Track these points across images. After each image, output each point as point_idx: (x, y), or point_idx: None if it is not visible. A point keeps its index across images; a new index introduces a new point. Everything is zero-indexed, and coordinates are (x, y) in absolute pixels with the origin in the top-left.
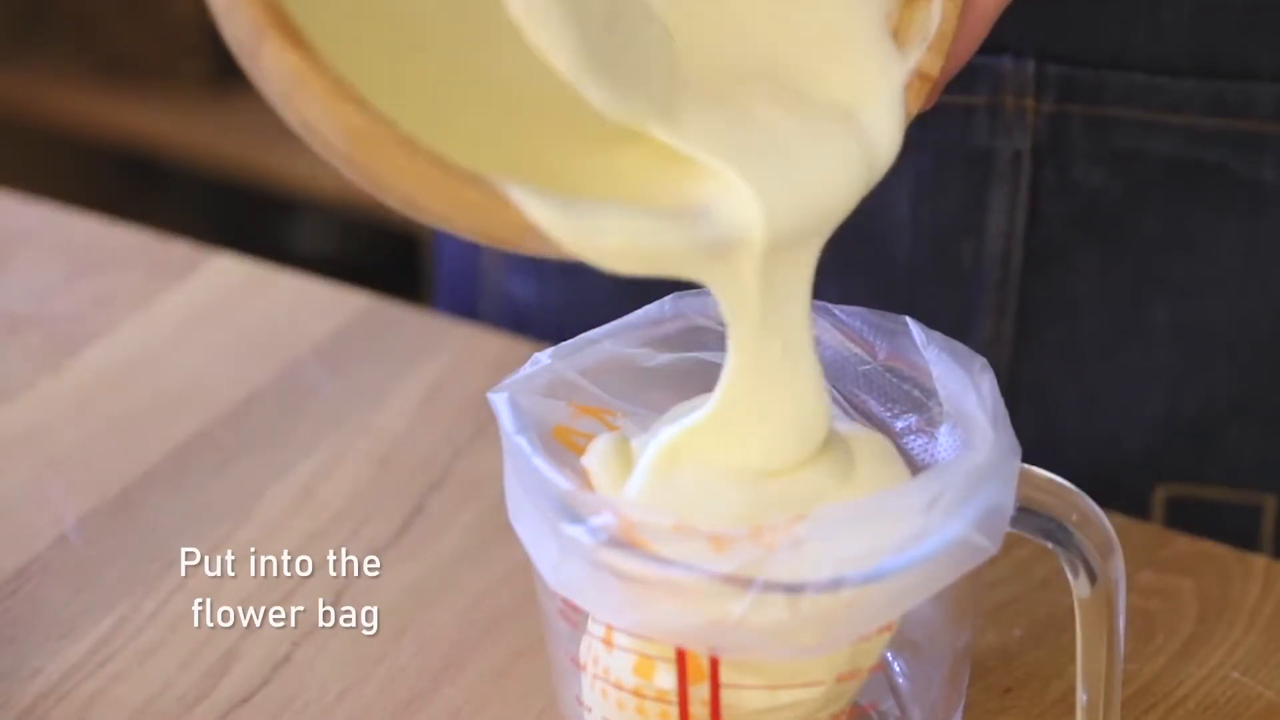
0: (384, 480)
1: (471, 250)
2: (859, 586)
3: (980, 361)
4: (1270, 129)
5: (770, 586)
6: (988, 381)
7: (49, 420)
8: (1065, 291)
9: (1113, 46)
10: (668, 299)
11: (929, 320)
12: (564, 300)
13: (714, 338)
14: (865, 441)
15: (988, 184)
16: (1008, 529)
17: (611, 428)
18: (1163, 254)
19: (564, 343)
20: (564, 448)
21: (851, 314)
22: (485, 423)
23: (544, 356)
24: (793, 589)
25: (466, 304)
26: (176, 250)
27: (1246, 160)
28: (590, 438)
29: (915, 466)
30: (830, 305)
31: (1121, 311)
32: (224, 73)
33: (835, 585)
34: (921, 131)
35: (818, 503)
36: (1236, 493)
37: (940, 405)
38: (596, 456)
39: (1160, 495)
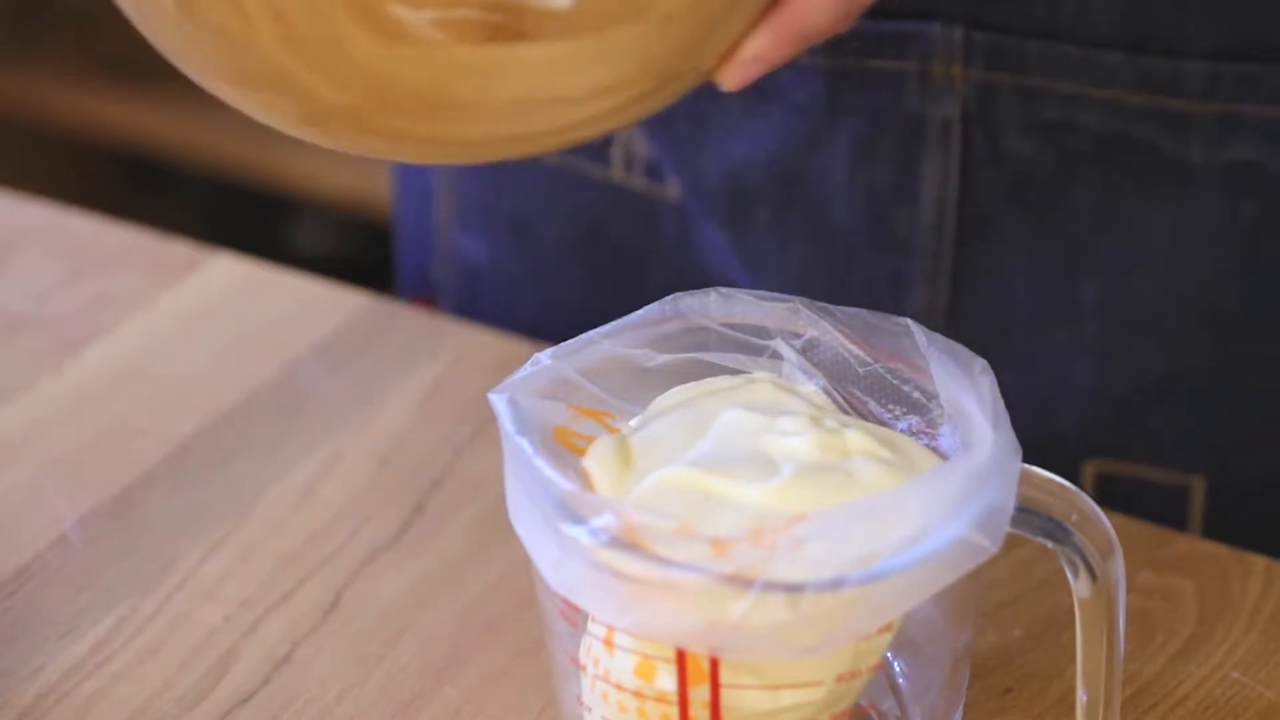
0: (384, 480)
1: (425, 213)
2: (859, 586)
3: (980, 363)
4: (1198, 109)
5: (770, 587)
6: (988, 382)
7: (49, 420)
8: (997, 262)
9: (1041, 16)
10: (668, 299)
11: (865, 285)
12: (513, 259)
13: (714, 338)
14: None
15: (920, 151)
16: (1008, 529)
17: (611, 430)
18: (1093, 230)
19: (564, 343)
20: (564, 449)
21: (852, 315)
22: (485, 423)
23: (544, 357)
24: (793, 589)
25: (422, 267)
26: (176, 250)
27: (1174, 139)
28: (590, 439)
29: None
30: (830, 306)
31: (1052, 285)
32: None
33: (835, 585)
34: (857, 95)
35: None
36: (1164, 472)
37: (940, 406)
38: (597, 457)
39: (1090, 471)
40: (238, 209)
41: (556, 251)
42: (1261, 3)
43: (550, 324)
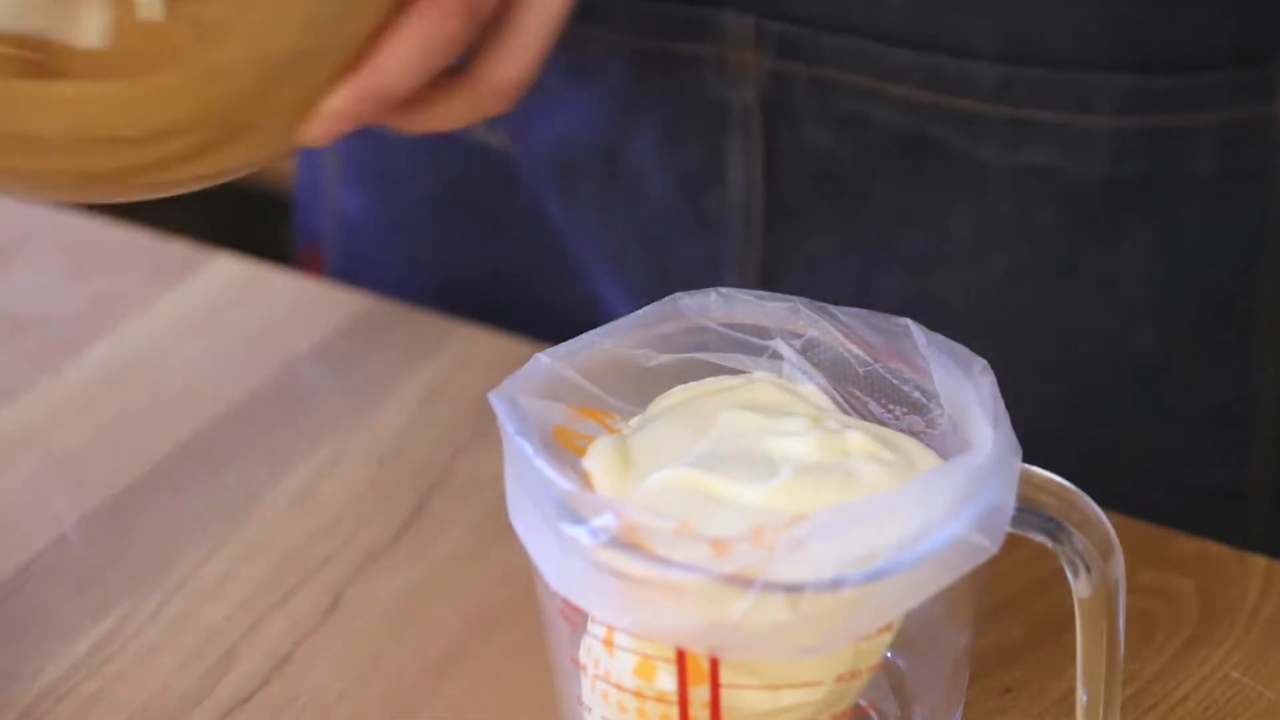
0: (384, 480)
1: (316, 167)
2: (859, 586)
3: (980, 363)
4: (989, 111)
5: (770, 587)
6: (988, 382)
7: (49, 420)
8: (806, 250)
9: (830, 8)
10: (668, 299)
11: (683, 263)
12: (384, 214)
13: (714, 338)
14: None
15: (724, 135)
16: (1008, 529)
17: (611, 430)
18: (895, 225)
19: (564, 343)
20: (564, 449)
21: (852, 315)
22: (485, 423)
23: (544, 357)
24: (793, 589)
25: (312, 220)
26: (176, 250)
27: (967, 140)
28: (590, 439)
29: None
30: (830, 306)
31: (857, 277)
32: None
33: (835, 585)
34: (662, 77)
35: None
36: None
37: (940, 406)
38: (597, 457)
39: None
40: (238, 209)
41: (422, 207)
42: (1045, 10)
43: (417, 279)
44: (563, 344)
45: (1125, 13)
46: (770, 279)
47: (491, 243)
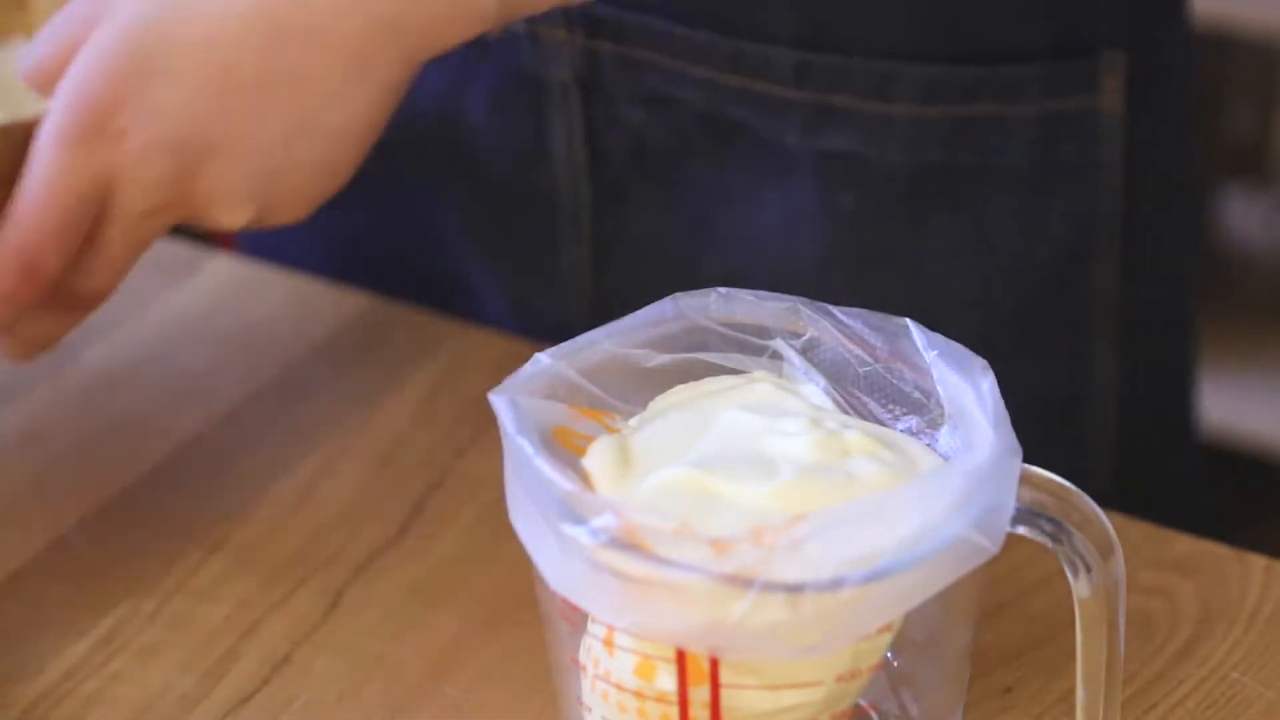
0: (384, 480)
1: None
2: (859, 586)
3: (980, 363)
4: (791, 95)
5: (770, 587)
6: (988, 382)
7: (49, 420)
8: (632, 229)
9: None
10: (668, 299)
11: (527, 239)
12: None
13: (714, 338)
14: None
15: (547, 110)
16: (1008, 529)
17: (611, 430)
18: (712, 206)
19: (564, 343)
20: (564, 449)
21: (852, 315)
22: (485, 423)
23: (544, 357)
24: (793, 589)
25: None
26: (176, 250)
27: (770, 123)
28: (591, 439)
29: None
30: (830, 306)
31: (680, 256)
32: None
33: (835, 585)
34: (484, 51)
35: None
36: None
37: (940, 406)
38: (597, 457)
39: None
40: None
41: None
42: None
43: (310, 244)
44: (563, 344)
45: (920, 4)
46: (601, 258)
47: (369, 212)
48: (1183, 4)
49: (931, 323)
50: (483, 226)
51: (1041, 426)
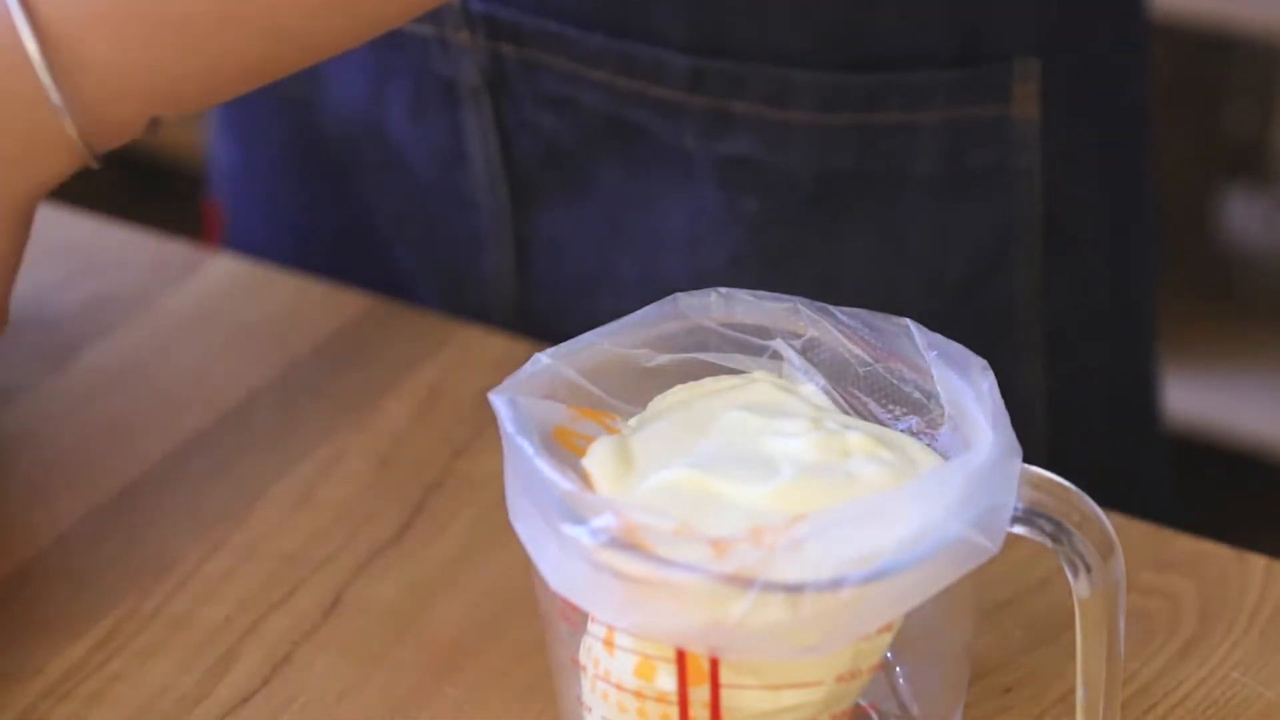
0: (384, 480)
1: (206, 123)
2: (859, 586)
3: (980, 363)
4: (687, 100)
5: (770, 587)
6: (987, 382)
7: (49, 420)
8: (549, 230)
9: None
10: (668, 299)
11: (450, 241)
12: (244, 161)
13: (714, 338)
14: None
15: (460, 114)
16: (1008, 529)
17: (611, 430)
18: (621, 208)
19: (564, 343)
20: (564, 449)
21: (852, 315)
22: (485, 423)
23: (544, 357)
24: (793, 589)
25: (212, 179)
26: (176, 250)
27: (668, 128)
28: (590, 440)
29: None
30: (830, 306)
31: (595, 257)
32: None
33: (835, 585)
34: (397, 55)
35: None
36: None
37: (940, 406)
38: (597, 458)
39: None
40: None
41: (273, 163)
42: (731, 5)
43: (277, 233)
44: (563, 344)
45: (817, 13)
46: (522, 259)
47: (326, 207)
48: (1114, 9)
49: None
50: (413, 226)
51: None
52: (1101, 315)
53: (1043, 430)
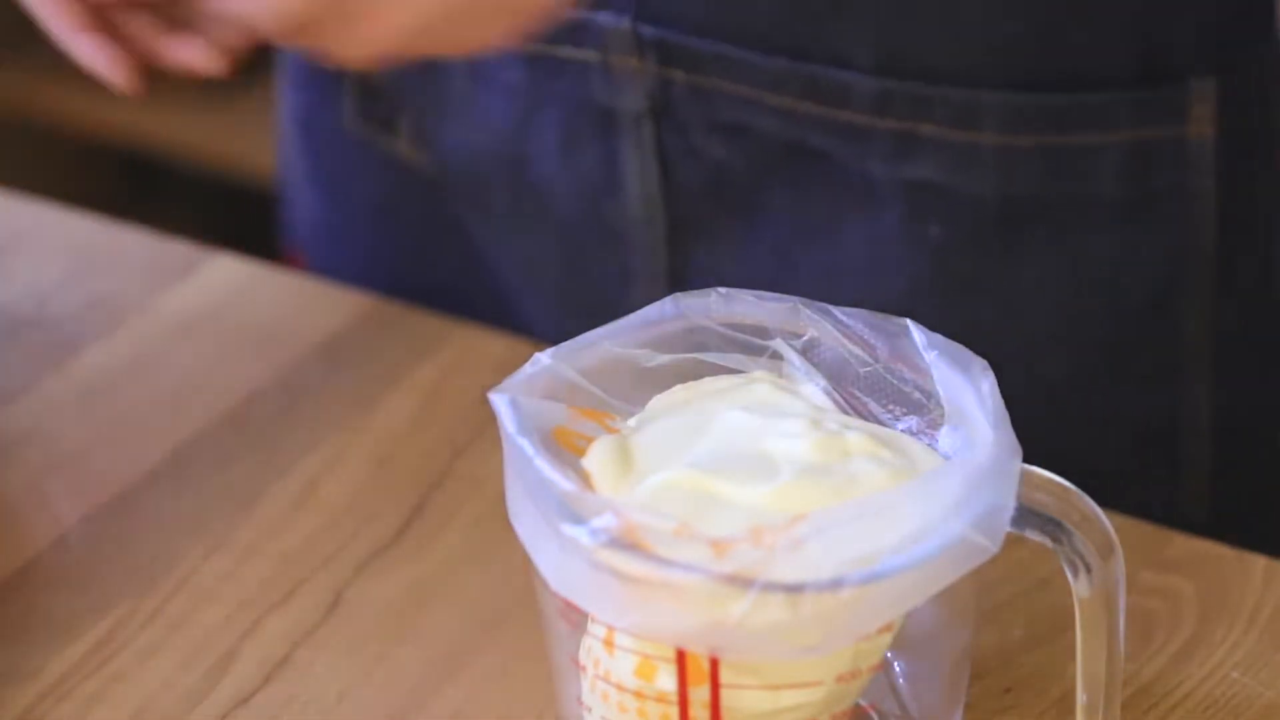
0: (384, 480)
1: (287, 168)
2: (859, 586)
3: (980, 363)
4: (873, 124)
5: (770, 587)
6: (987, 382)
7: (49, 420)
8: (711, 264)
9: (702, 14)
10: (668, 299)
11: (596, 280)
12: (336, 215)
13: (714, 338)
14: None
15: (618, 143)
16: (1008, 529)
17: (611, 430)
18: (791, 238)
19: (564, 343)
20: (564, 449)
21: (852, 315)
22: (485, 423)
23: (544, 357)
24: (793, 589)
25: (292, 224)
26: (176, 250)
27: (852, 152)
28: (590, 439)
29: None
30: (830, 306)
31: (760, 289)
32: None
33: (835, 585)
34: (554, 81)
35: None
36: None
37: (940, 407)
38: (597, 458)
39: None
40: (238, 209)
41: (365, 216)
42: (921, 26)
43: (370, 285)
44: (563, 344)
45: (1006, 33)
46: (676, 292)
47: (421, 263)
48: (1271, 26)
49: (1022, 354)
50: (544, 268)
51: (1136, 457)
52: (1267, 340)
53: (1208, 454)
